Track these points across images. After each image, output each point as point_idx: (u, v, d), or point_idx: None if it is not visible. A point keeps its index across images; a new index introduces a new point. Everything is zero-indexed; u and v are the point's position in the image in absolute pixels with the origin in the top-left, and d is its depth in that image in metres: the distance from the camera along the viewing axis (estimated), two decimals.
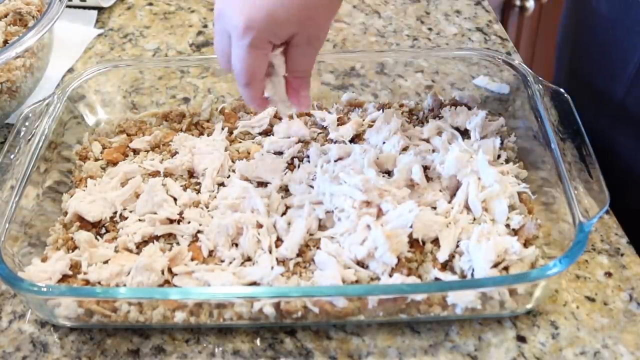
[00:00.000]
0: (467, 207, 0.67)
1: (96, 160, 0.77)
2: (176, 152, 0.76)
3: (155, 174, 0.73)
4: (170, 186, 0.71)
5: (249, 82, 0.65)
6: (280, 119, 0.78)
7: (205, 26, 1.03)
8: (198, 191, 0.71)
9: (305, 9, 0.62)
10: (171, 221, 0.68)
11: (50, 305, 0.60)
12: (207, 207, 0.69)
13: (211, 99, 0.83)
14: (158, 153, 0.76)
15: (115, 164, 0.75)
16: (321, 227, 0.67)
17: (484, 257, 0.61)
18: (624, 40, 0.76)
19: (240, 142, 0.78)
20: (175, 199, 0.70)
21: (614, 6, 0.76)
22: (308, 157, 0.74)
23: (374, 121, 0.77)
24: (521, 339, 0.61)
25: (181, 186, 0.72)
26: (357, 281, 0.62)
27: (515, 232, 0.65)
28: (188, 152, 0.75)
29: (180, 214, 0.68)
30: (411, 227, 0.64)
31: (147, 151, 0.76)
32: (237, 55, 0.63)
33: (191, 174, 0.74)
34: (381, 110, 0.79)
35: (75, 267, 0.65)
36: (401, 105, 0.81)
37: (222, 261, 0.64)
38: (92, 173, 0.74)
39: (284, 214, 0.68)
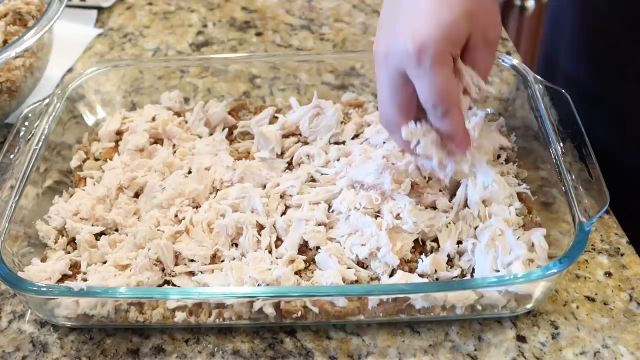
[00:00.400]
0: (467, 207, 0.67)
1: (96, 160, 0.77)
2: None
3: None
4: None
5: (449, 108, 0.56)
6: None
7: (205, 26, 1.03)
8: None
9: (470, 3, 0.55)
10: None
11: (50, 305, 0.60)
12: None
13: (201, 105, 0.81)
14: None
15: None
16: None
17: (490, 266, 0.61)
18: (624, 40, 0.76)
19: (240, 142, 0.78)
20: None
21: (616, 6, 0.76)
22: (308, 157, 0.74)
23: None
24: (521, 339, 0.61)
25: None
26: (357, 281, 0.62)
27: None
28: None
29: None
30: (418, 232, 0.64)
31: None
32: (424, 86, 0.55)
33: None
34: None
35: (75, 267, 0.65)
36: None
37: (222, 261, 0.65)
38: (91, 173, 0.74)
39: (283, 214, 0.68)
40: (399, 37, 0.54)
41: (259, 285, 0.61)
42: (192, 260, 0.65)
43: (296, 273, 0.63)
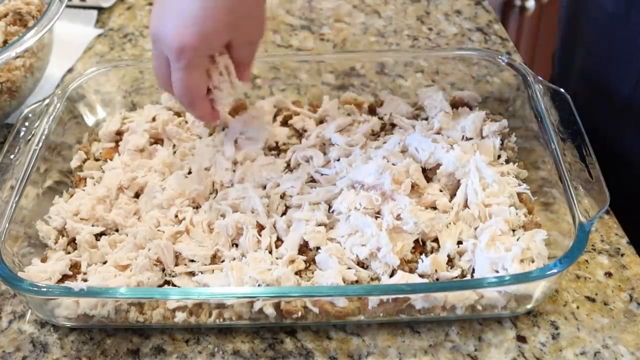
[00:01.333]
0: (467, 207, 0.67)
1: (96, 160, 0.77)
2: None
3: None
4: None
5: (193, 101, 0.65)
6: None
7: None
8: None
9: (233, 12, 0.62)
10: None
11: (50, 305, 0.60)
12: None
13: None
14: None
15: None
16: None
17: (490, 266, 0.61)
18: (630, 39, 0.76)
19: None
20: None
21: (620, 4, 0.76)
22: (307, 157, 0.74)
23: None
24: (521, 339, 0.61)
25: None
26: (357, 281, 0.62)
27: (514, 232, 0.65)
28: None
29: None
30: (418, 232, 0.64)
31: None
32: (177, 79, 0.64)
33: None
34: None
35: (75, 267, 0.65)
36: None
37: (222, 261, 0.65)
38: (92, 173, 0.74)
39: (283, 214, 0.68)
40: (167, 29, 0.62)
41: (259, 285, 0.61)
42: (192, 260, 0.65)
43: (296, 273, 0.63)
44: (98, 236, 0.67)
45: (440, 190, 0.69)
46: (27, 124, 0.73)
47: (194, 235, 0.66)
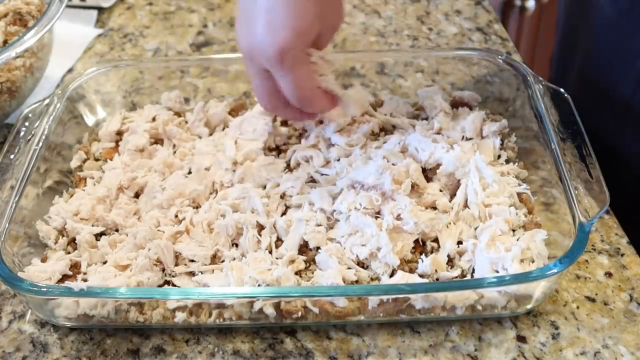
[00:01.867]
0: (467, 207, 0.67)
1: (96, 160, 0.77)
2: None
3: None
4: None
5: (312, 98, 0.64)
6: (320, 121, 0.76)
7: (205, 26, 1.03)
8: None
9: (320, 5, 0.61)
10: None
11: (50, 305, 0.60)
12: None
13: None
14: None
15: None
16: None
17: (490, 266, 0.61)
18: (629, 41, 0.76)
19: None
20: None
21: (619, 7, 0.76)
22: (307, 157, 0.74)
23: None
24: (521, 339, 0.61)
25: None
26: (357, 281, 0.62)
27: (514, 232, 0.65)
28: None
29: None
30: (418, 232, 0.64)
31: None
32: (288, 84, 0.62)
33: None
34: None
35: (75, 267, 0.65)
36: None
37: (222, 261, 0.65)
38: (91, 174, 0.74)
39: (283, 214, 0.68)
40: (260, 38, 0.60)
41: (259, 285, 0.61)
42: (192, 260, 0.65)
43: (296, 273, 0.63)
44: (98, 236, 0.67)
45: (440, 190, 0.69)
46: (27, 124, 0.73)
47: (194, 235, 0.66)
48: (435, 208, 0.67)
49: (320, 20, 0.62)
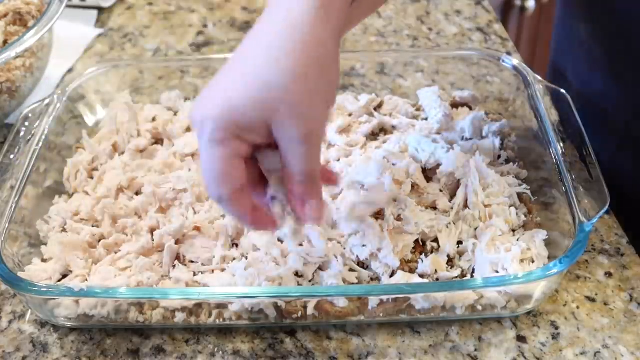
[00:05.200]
0: (467, 207, 0.67)
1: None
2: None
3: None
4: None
5: (223, 190, 0.50)
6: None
7: (205, 26, 1.03)
8: None
9: (272, 89, 0.48)
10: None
11: (50, 305, 0.60)
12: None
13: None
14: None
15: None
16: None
17: (490, 266, 0.61)
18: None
19: None
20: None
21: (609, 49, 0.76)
22: None
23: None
24: (521, 339, 0.61)
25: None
26: (357, 281, 0.62)
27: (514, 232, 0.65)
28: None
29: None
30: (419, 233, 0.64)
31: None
32: (203, 161, 0.50)
33: None
34: None
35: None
36: None
37: (223, 261, 0.64)
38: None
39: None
40: (196, 110, 0.51)
41: (259, 285, 0.61)
42: (192, 261, 0.65)
43: (296, 273, 0.63)
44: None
45: (440, 190, 0.69)
46: (27, 124, 0.73)
47: (195, 236, 0.66)
48: (435, 208, 0.67)
49: (264, 109, 0.49)
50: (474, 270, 0.63)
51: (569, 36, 0.84)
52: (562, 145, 0.67)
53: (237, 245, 0.66)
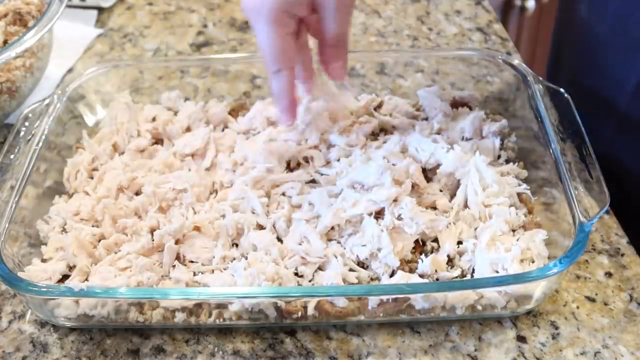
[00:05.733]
0: (467, 207, 0.67)
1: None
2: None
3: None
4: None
5: (279, 66, 0.61)
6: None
7: (205, 26, 1.03)
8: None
9: None
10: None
11: (50, 305, 0.60)
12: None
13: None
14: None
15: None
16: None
17: (490, 266, 0.61)
18: (621, 59, 0.76)
19: None
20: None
21: (611, 28, 0.76)
22: (307, 157, 0.74)
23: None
24: (521, 339, 0.61)
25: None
26: (357, 281, 0.62)
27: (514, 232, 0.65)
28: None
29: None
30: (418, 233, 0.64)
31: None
32: (260, 40, 0.61)
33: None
34: None
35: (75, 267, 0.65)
36: None
37: (223, 262, 0.64)
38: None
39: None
40: None
41: (259, 285, 0.61)
42: (192, 261, 0.65)
43: (296, 273, 0.63)
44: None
45: (440, 190, 0.69)
46: (27, 124, 0.73)
47: (195, 236, 0.66)
48: (435, 208, 0.67)
49: None
50: (474, 270, 0.63)
51: (569, 33, 0.85)
52: (562, 145, 0.67)
53: (237, 245, 0.66)
